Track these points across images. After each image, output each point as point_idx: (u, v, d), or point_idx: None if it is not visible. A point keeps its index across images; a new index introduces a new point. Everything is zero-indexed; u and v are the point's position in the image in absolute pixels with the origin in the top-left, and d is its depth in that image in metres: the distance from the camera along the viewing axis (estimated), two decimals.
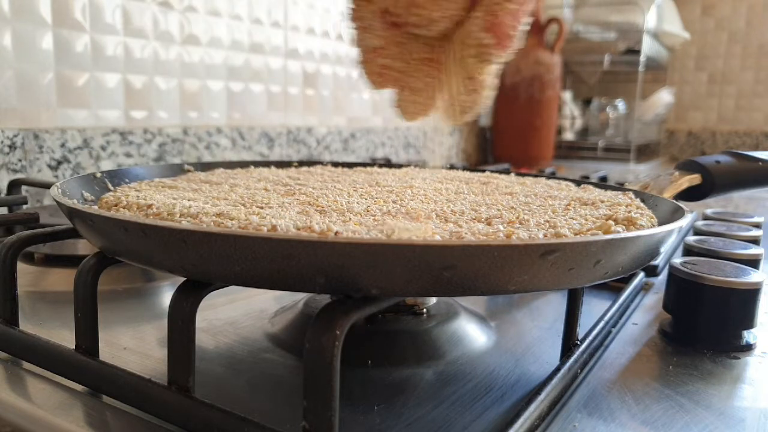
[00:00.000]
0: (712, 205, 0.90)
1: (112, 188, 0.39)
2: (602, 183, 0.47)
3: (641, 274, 0.48)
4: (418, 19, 0.27)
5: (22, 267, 0.46)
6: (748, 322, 0.36)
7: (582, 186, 0.45)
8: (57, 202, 0.28)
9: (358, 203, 0.33)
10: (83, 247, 0.48)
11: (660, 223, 0.32)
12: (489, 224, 0.28)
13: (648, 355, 0.35)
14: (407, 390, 0.29)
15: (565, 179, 0.48)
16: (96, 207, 0.33)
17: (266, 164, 0.54)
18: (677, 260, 0.39)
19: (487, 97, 0.29)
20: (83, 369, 0.28)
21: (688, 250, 0.48)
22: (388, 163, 0.59)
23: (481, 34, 0.27)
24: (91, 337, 0.29)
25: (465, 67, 0.28)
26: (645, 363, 0.34)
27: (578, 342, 0.33)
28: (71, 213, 0.27)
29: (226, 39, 0.83)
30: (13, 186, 0.60)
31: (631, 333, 0.38)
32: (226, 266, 0.22)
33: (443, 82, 0.30)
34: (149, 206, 0.29)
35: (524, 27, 0.28)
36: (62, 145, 0.66)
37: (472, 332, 0.36)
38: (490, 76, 0.29)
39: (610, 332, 0.38)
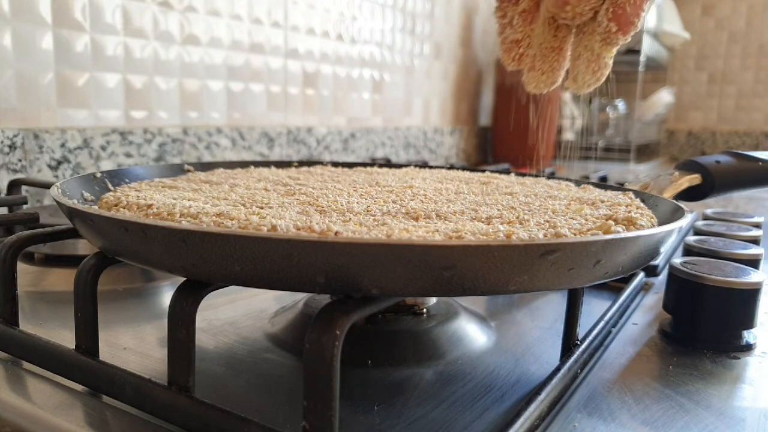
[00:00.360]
0: (712, 205, 0.90)
1: (112, 188, 0.39)
2: (602, 183, 0.47)
3: (641, 274, 0.48)
4: (568, 15, 0.34)
5: (22, 267, 0.46)
6: (748, 322, 0.36)
7: (582, 186, 0.45)
8: (57, 202, 0.28)
9: (358, 203, 0.33)
10: (83, 247, 0.48)
11: (660, 223, 0.32)
12: (489, 224, 0.28)
13: (648, 355, 0.35)
14: (407, 390, 0.29)
15: (565, 179, 0.48)
16: (96, 207, 0.33)
17: (266, 164, 0.54)
18: (677, 260, 0.39)
19: (605, 74, 0.36)
20: (83, 369, 0.28)
21: (688, 250, 0.48)
22: (388, 163, 0.59)
23: (610, 23, 0.33)
24: (91, 337, 0.29)
25: (592, 50, 0.35)
26: (645, 363, 0.34)
27: (578, 342, 0.33)
28: (71, 213, 0.27)
29: (226, 39, 0.83)
30: (13, 186, 0.60)
31: (631, 333, 0.38)
32: (226, 266, 0.22)
33: (570, 64, 0.36)
34: (149, 206, 0.29)
35: (645, 13, 0.33)
36: (62, 145, 0.66)
37: (472, 332, 0.36)
38: (610, 57, 0.35)
39: (610, 332, 0.38)
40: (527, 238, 0.25)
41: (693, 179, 0.43)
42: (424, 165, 0.61)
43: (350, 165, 0.56)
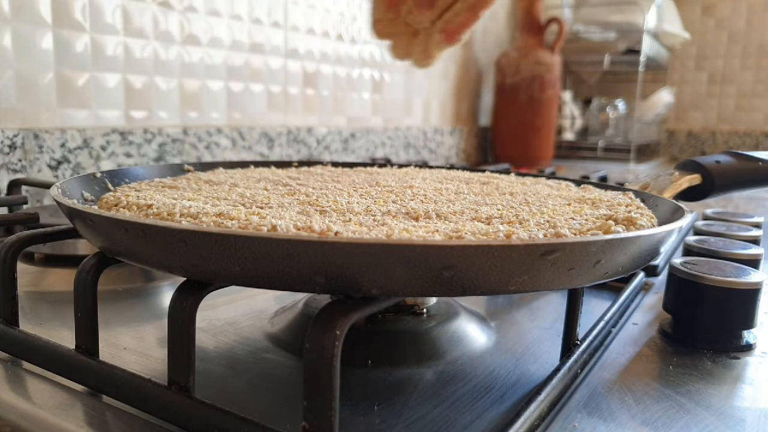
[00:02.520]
0: (712, 205, 0.90)
1: (112, 188, 0.39)
2: (602, 183, 0.47)
3: (641, 274, 0.48)
4: (413, 20, 0.44)
5: (22, 267, 0.46)
6: (748, 322, 0.36)
7: (582, 186, 0.45)
8: (57, 202, 0.28)
9: (358, 203, 0.33)
10: (83, 247, 0.48)
11: (660, 223, 0.32)
12: (489, 224, 0.28)
13: (648, 355, 0.35)
14: (407, 390, 0.29)
15: (565, 179, 0.48)
16: (96, 207, 0.33)
17: (266, 164, 0.54)
18: (677, 260, 0.39)
19: (432, 64, 0.46)
20: (83, 369, 0.28)
21: (688, 250, 0.48)
22: (388, 163, 0.59)
23: (438, 35, 0.43)
24: (91, 337, 0.29)
25: (426, 47, 0.45)
26: (645, 363, 0.34)
27: (578, 342, 0.33)
28: (71, 213, 0.27)
29: (226, 39, 0.83)
30: (13, 186, 0.60)
31: (631, 333, 0.38)
32: (226, 266, 0.22)
33: (412, 48, 0.46)
34: (149, 206, 0.29)
35: (472, 29, 0.43)
36: (62, 145, 0.66)
37: (472, 332, 0.36)
38: (438, 53, 0.45)
39: (610, 332, 0.38)
40: (527, 238, 0.25)
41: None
42: (424, 165, 0.61)
43: (350, 165, 0.56)
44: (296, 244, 0.20)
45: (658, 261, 0.51)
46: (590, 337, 0.34)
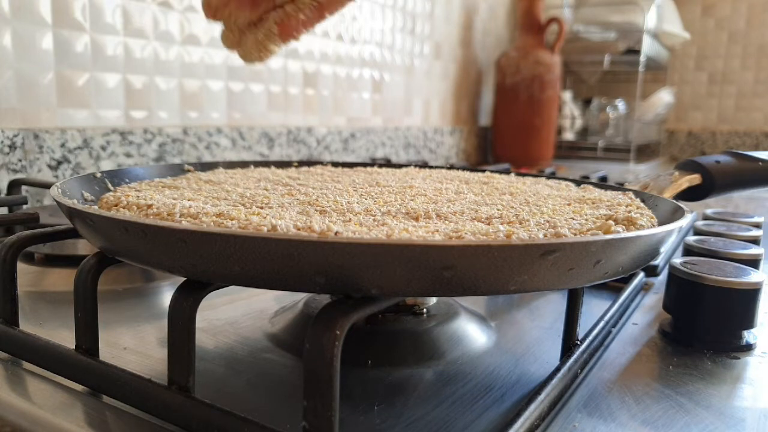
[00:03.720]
0: (712, 205, 0.90)
1: (112, 188, 0.39)
2: (602, 183, 0.47)
3: (641, 274, 0.48)
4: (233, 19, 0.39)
5: (22, 267, 0.46)
6: (748, 322, 0.36)
7: (582, 186, 0.45)
8: (57, 202, 0.28)
9: (358, 203, 0.33)
10: (83, 247, 0.48)
11: (660, 223, 0.32)
12: (489, 224, 0.28)
13: (648, 355, 0.35)
14: (407, 390, 0.29)
15: (565, 179, 0.48)
16: (96, 207, 0.33)
17: (266, 164, 0.54)
18: (677, 260, 0.39)
19: (268, 58, 0.40)
20: (83, 369, 0.28)
21: (688, 250, 0.48)
22: (388, 163, 0.59)
23: (273, 27, 0.38)
24: (91, 337, 0.29)
25: (257, 37, 0.39)
26: (645, 363, 0.34)
27: (578, 342, 0.33)
28: (71, 213, 0.27)
29: None
30: (13, 186, 0.60)
31: (631, 333, 0.38)
32: (226, 266, 0.22)
33: (243, 40, 0.40)
34: (149, 206, 0.29)
35: (310, 31, 0.39)
36: (62, 145, 0.66)
37: (472, 332, 0.36)
38: (274, 48, 0.40)
39: (610, 332, 0.38)
40: (527, 238, 0.25)
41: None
42: (424, 165, 0.61)
43: (350, 165, 0.56)
44: (296, 244, 0.20)
45: (658, 261, 0.51)
46: (590, 337, 0.34)
